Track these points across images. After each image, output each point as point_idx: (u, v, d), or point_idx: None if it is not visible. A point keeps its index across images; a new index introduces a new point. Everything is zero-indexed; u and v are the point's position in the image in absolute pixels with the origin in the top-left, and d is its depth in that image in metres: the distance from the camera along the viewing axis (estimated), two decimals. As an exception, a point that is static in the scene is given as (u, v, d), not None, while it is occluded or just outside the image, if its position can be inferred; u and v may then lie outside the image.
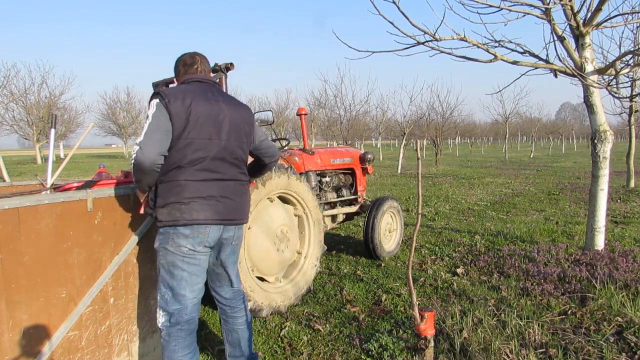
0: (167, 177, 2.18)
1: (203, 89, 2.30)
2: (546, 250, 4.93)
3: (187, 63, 2.38)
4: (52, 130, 2.80)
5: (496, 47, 4.42)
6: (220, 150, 2.25)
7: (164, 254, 2.24)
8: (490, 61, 4.41)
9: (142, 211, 2.39)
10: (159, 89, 2.20)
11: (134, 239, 2.48)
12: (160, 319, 2.27)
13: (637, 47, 7.78)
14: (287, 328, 3.28)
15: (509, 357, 2.65)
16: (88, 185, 2.68)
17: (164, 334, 2.27)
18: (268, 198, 3.50)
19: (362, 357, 2.83)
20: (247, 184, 2.47)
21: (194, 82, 2.33)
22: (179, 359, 2.26)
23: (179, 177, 2.17)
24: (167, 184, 2.18)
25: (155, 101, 2.15)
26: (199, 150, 2.18)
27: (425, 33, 4.11)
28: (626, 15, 4.62)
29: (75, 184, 2.65)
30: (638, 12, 4.70)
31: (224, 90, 3.07)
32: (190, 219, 2.17)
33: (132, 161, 2.09)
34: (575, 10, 4.18)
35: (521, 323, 3.06)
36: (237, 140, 2.35)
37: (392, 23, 4.09)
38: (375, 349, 2.85)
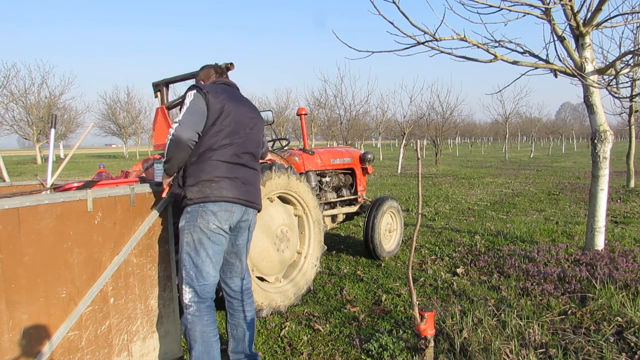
0: (199, 158, 2.39)
1: (231, 90, 2.63)
2: (546, 250, 4.93)
3: (215, 72, 2.74)
4: (52, 130, 2.80)
5: (496, 47, 4.42)
6: (245, 141, 2.53)
7: (191, 231, 2.38)
8: (490, 61, 4.41)
9: (164, 194, 2.55)
10: (197, 84, 2.49)
11: (134, 238, 2.48)
12: (187, 295, 2.39)
13: (637, 47, 7.78)
14: (287, 328, 3.28)
15: (509, 357, 2.66)
16: (88, 185, 2.68)
17: (192, 310, 2.38)
18: (268, 198, 3.50)
19: (362, 357, 2.83)
20: (260, 174, 2.76)
21: (222, 84, 2.63)
22: (211, 332, 2.41)
23: (212, 157, 2.39)
24: (200, 164, 2.39)
25: (194, 92, 2.40)
26: (228, 138, 2.44)
27: (425, 33, 4.11)
28: (626, 15, 4.62)
29: (75, 184, 2.65)
30: (638, 12, 4.70)
31: None
32: (220, 196, 2.38)
33: (170, 137, 2.32)
34: (575, 10, 4.18)
35: (521, 323, 3.06)
36: (256, 135, 2.66)
37: (392, 23, 4.10)
38: (375, 349, 2.85)
